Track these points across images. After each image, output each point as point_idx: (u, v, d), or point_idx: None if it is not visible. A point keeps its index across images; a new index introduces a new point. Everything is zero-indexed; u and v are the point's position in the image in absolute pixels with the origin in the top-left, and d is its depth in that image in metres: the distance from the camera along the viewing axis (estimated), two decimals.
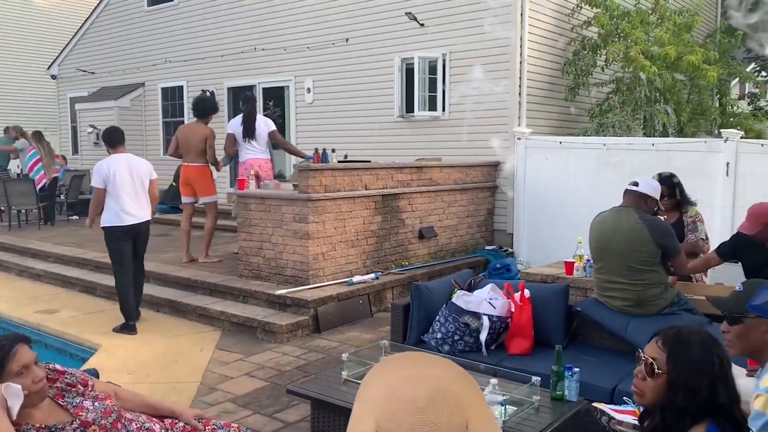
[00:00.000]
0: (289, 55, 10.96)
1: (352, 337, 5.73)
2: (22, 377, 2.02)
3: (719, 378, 1.76)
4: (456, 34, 8.96)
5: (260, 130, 7.50)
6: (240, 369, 4.94)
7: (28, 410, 2.04)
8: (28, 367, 2.05)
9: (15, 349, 2.05)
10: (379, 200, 7.02)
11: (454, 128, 9.13)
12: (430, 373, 1.22)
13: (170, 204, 12.30)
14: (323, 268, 6.42)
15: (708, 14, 13.72)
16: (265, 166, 7.53)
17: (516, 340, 3.97)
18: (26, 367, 2.04)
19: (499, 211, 8.82)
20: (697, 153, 7.11)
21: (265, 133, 7.53)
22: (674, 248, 3.76)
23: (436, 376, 1.21)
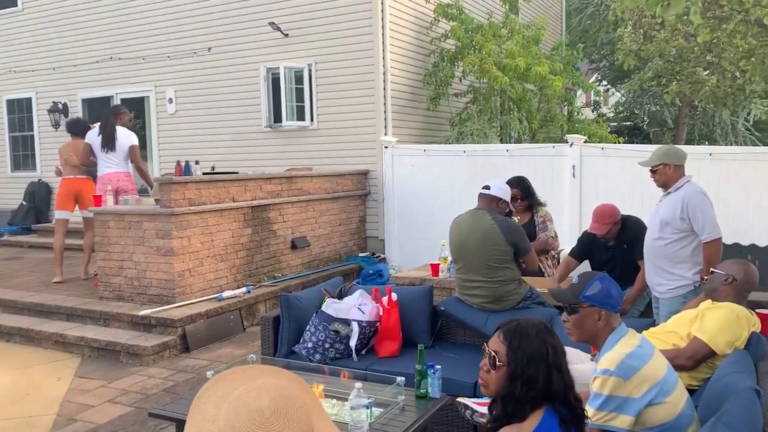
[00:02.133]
0: (149, 64, 10.52)
1: (224, 354, 5.60)
2: None
3: (553, 366, 1.90)
4: (321, 44, 9.04)
5: (121, 142, 7.13)
6: (102, 396, 4.66)
7: None
8: None
9: None
10: (249, 212, 6.92)
11: (323, 138, 9.20)
12: (268, 383, 1.23)
13: (21, 225, 11.37)
14: (190, 285, 6.22)
15: (554, 28, 14.85)
16: (125, 180, 7.15)
17: (385, 343, 4.07)
18: None
19: (370, 218, 8.99)
20: (546, 157, 7.67)
21: (126, 146, 7.16)
22: (524, 246, 4.03)
23: (276, 385, 1.22)
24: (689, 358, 2.92)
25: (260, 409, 1.14)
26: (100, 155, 7.10)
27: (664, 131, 16.16)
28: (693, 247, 3.89)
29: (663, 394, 2.29)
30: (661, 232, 3.98)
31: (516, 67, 8.91)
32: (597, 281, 2.43)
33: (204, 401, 1.32)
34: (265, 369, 1.40)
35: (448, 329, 4.35)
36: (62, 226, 7.35)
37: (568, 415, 1.88)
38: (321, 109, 9.19)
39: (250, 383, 1.27)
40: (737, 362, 2.69)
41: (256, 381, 1.30)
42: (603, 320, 2.39)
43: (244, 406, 1.16)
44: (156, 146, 10.70)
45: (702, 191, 3.91)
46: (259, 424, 1.13)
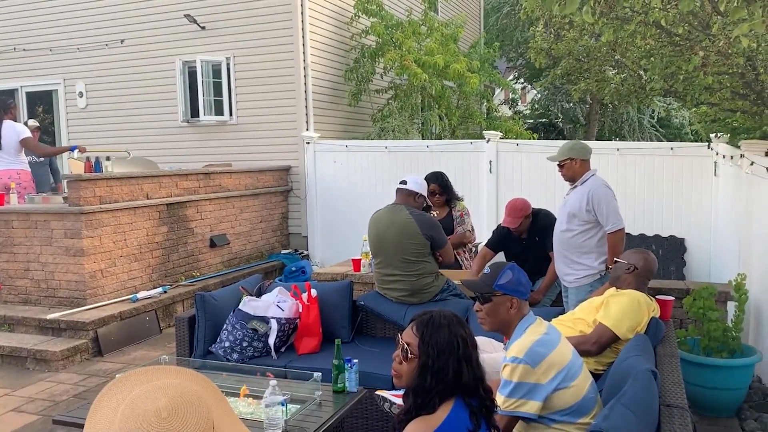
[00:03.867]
0: (57, 56, 10.00)
1: (139, 356, 5.42)
2: None
3: (464, 358, 1.93)
4: (240, 38, 8.87)
5: (8, 138, 6.66)
6: (6, 405, 4.41)
7: None
8: None
9: None
10: (164, 209, 6.71)
11: (243, 133, 9.03)
12: (167, 383, 1.20)
13: None
14: (102, 287, 5.97)
15: (472, 26, 15.17)
16: (20, 177, 6.73)
17: (305, 340, 4.05)
18: None
19: (293, 214, 8.91)
20: (465, 153, 7.83)
21: (14, 140, 6.70)
22: (440, 239, 4.10)
23: (174, 385, 1.20)
24: (594, 343, 3.05)
25: (156, 410, 1.11)
26: None
27: (577, 128, 16.84)
28: (598, 238, 4.06)
29: (569, 378, 2.38)
30: (569, 223, 4.14)
31: (435, 64, 9.04)
32: (508, 270, 2.50)
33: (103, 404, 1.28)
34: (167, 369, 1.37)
35: (368, 324, 4.38)
36: None
37: (478, 407, 1.91)
38: (240, 103, 9.02)
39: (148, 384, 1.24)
40: (637, 346, 2.83)
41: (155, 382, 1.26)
42: (515, 308, 2.46)
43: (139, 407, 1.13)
44: (66, 142, 10.18)
45: (606, 184, 4.10)
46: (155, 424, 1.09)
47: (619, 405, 2.18)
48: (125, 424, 1.10)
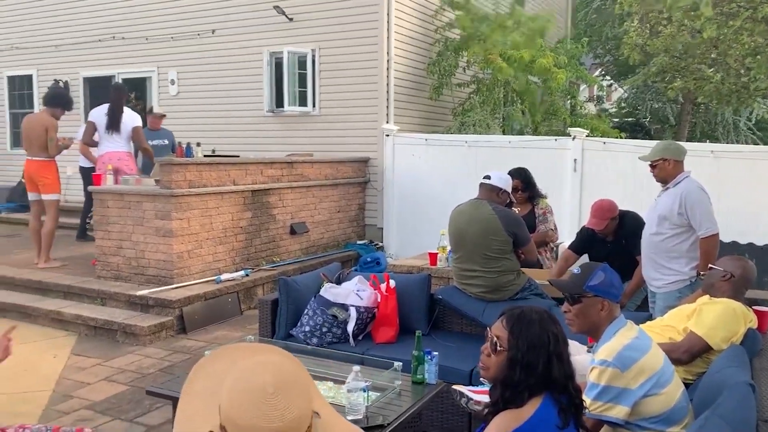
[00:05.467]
0: (152, 45, 10.47)
1: (220, 336, 5.62)
2: None
3: (554, 354, 1.92)
4: (325, 30, 9.00)
5: (125, 123, 7.14)
6: (98, 374, 4.68)
7: None
8: None
9: None
10: (249, 196, 6.92)
11: (324, 124, 9.18)
12: (269, 359, 1.24)
13: (18, 202, 11.35)
14: (189, 267, 6.22)
15: (559, 21, 14.78)
16: (126, 160, 7.15)
17: (382, 329, 4.09)
18: None
19: (369, 206, 8.99)
20: (548, 150, 7.66)
21: (129, 127, 7.17)
22: (524, 237, 4.04)
23: (275, 361, 1.23)
24: (685, 351, 2.93)
25: (263, 385, 1.15)
26: (104, 135, 7.07)
27: (666, 128, 16.14)
28: (690, 243, 3.90)
29: (660, 385, 2.31)
30: (659, 227, 3.99)
31: (520, 58, 8.88)
32: (600, 271, 2.45)
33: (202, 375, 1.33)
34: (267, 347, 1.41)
35: (444, 318, 4.37)
36: (34, 208, 7.00)
37: (567, 404, 1.89)
38: (323, 95, 9.16)
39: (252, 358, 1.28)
40: (733, 357, 2.70)
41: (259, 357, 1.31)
42: (606, 310, 2.40)
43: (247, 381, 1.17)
44: None
45: (701, 187, 3.92)
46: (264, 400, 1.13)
47: (715, 416, 2.09)
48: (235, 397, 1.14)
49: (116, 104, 7.12)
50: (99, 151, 7.10)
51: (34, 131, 6.75)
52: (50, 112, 6.83)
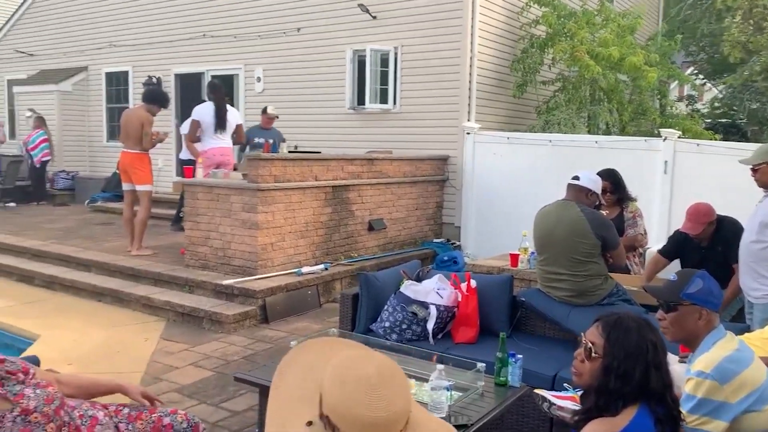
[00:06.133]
0: (240, 43, 10.80)
1: (301, 327, 5.74)
2: None
3: (652, 364, 1.84)
4: (408, 27, 9.02)
5: (230, 121, 7.50)
6: (186, 359, 4.88)
7: None
8: None
9: None
10: (330, 191, 7.03)
11: (405, 121, 9.20)
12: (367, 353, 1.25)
13: (113, 192, 11.99)
14: (272, 259, 6.39)
15: (650, 17, 14.21)
16: (229, 156, 7.52)
17: (462, 329, 4.06)
18: None
19: (447, 204, 8.95)
20: (637, 151, 7.38)
21: (233, 125, 7.54)
22: (613, 240, 3.91)
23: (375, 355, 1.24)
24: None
25: (368, 376, 1.16)
26: (209, 132, 7.37)
27: (765, 130, 15.20)
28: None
29: (761, 401, 2.18)
30: (760, 234, 3.77)
31: (609, 56, 8.59)
32: (698, 279, 2.33)
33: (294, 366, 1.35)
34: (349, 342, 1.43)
35: (526, 320, 4.29)
36: (128, 198, 7.37)
37: (665, 416, 1.82)
38: (404, 92, 9.19)
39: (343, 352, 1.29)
40: None
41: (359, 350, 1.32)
42: (704, 320, 2.29)
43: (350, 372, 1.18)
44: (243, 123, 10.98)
45: None
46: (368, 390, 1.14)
47: None
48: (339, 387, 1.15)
49: (221, 103, 7.45)
50: (203, 147, 7.40)
51: (132, 125, 7.11)
52: (147, 108, 7.19)
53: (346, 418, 1.12)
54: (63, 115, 13.25)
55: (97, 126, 13.36)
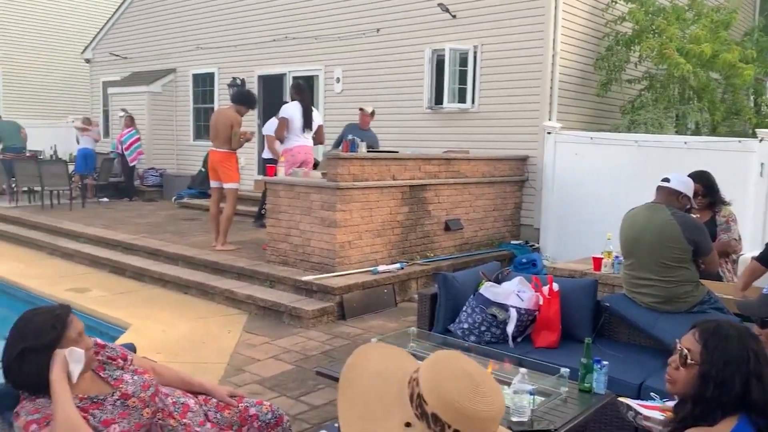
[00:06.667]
0: (320, 44, 11.00)
1: (377, 325, 5.78)
2: (78, 345, 2.10)
3: (754, 374, 1.75)
4: (488, 26, 8.92)
5: (316, 121, 7.77)
6: (267, 352, 5.01)
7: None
8: (81, 335, 2.13)
9: (71, 317, 2.13)
10: (407, 191, 7.05)
11: (483, 121, 9.11)
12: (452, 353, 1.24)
13: (198, 189, 12.47)
14: (349, 257, 6.47)
15: (746, 11, 13.46)
16: (311, 155, 7.75)
17: (543, 333, 3.98)
18: (80, 334, 2.12)
19: (526, 205, 8.80)
20: (730, 152, 7.01)
21: (317, 125, 7.79)
22: (706, 245, 3.73)
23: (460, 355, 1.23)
24: None
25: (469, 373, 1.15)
26: (295, 131, 7.58)
27: None
28: None
29: None
30: None
31: (701, 53, 8.20)
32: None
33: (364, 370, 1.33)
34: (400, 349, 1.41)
35: (610, 326, 4.15)
36: (215, 195, 7.62)
37: (767, 428, 1.72)
38: (483, 91, 9.09)
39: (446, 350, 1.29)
40: None
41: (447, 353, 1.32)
42: None
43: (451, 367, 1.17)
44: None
45: None
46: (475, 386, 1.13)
47: None
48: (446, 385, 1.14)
49: (308, 103, 7.68)
50: (289, 145, 7.61)
51: (221, 125, 7.35)
52: (236, 109, 7.45)
53: (462, 414, 1.11)
54: (152, 115, 13.90)
55: (184, 125, 13.94)
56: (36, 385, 2.06)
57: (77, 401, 2.10)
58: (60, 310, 2.15)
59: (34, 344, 2.06)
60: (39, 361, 2.05)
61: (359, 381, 1.29)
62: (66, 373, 2.04)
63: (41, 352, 2.05)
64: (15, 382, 2.12)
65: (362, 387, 1.28)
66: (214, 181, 7.58)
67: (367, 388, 1.27)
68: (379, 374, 1.29)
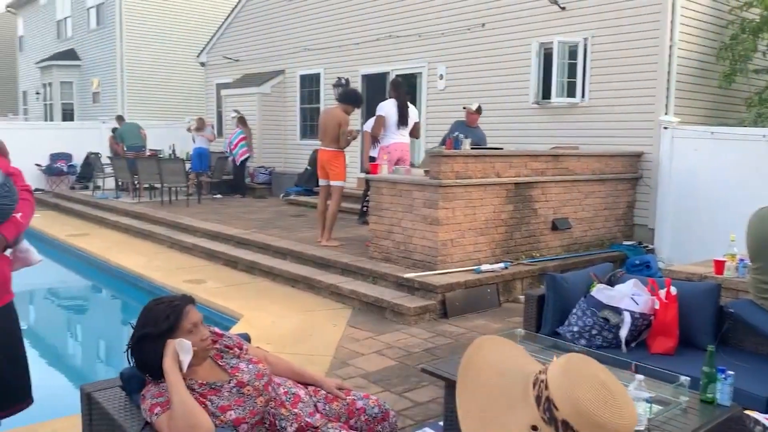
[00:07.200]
0: (424, 41, 11.00)
1: (480, 325, 5.70)
2: (192, 335, 2.21)
3: None
4: (599, 17, 8.57)
5: (411, 118, 7.79)
6: (370, 347, 5.07)
7: (194, 367, 2.23)
8: (197, 325, 2.24)
9: (187, 309, 2.24)
10: (512, 189, 6.90)
11: (593, 116, 8.77)
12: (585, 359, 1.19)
13: (305, 186, 12.86)
14: (451, 255, 6.42)
15: None
16: (407, 152, 7.76)
17: (659, 339, 3.76)
18: (195, 325, 2.23)
19: (640, 204, 8.37)
20: None
21: (413, 121, 7.80)
22: None
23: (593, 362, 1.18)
24: None
25: (605, 383, 1.11)
26: (391, 128, 7.65)
27: None
28: None
29: None
30: None
31: None
32: None
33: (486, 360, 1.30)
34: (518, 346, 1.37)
35: (734, 334, 3.86)
36: (323, 192, 7.78)
37: None
38: (593, 85, 8.75)
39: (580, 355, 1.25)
40: None
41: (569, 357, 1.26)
42: None
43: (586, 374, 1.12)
44: (424, 121, 11.18)
45: None
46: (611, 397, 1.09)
47: None
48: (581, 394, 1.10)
49: (403, 100, 7.71)
50: (385, 142, 7.69)
51: (330, 124, 7.49)
52: (343, 108, 7.57)
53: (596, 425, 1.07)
54: (262, 115, 14.47)
55: (291, 125, 14.41)
56: (154, 370, 2.19)
57: (197, 387, 2.21)
58: (179, 301, 2.27)
59: (151, 332, 2.20)
60: (154, 348, 2.18)
61: (480, 374, 1.27)
62: (177, 361, 2.15)
63: (156, 339, 2.18)
64: (137, 366, 2.27)
65: (483, 380, 1.26)
66: (323, 180, 7.74)
67: (488, 381, 1.26)
68: (501, 369, 1.27)
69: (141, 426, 2.20)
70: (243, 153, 13.63)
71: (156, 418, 2.12)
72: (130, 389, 2.39)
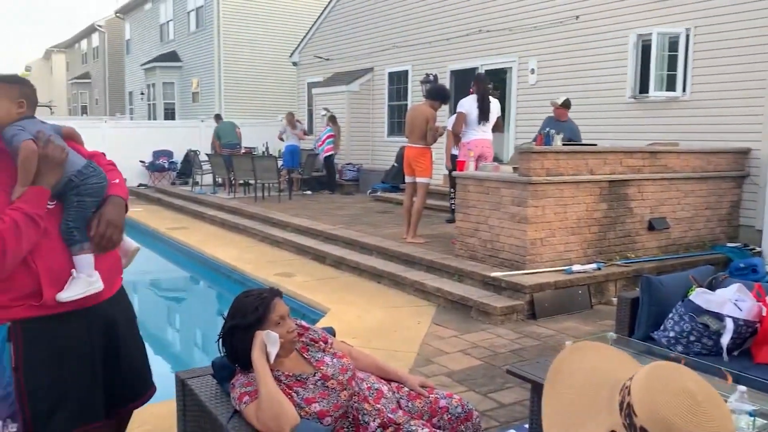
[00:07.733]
0: (514, 35, 10.79)
1: (570, 327, 5.53)
2: (279, 327, 2.27)
3: None
4: (703, 6, 8.09)
5: (492, 113, 7.58)
6: (455, 345, 5.03)
7: (281, 359, 2.28)
8: (284, 318, 2.29)
9: (275, 301, 2.30)
10: (605, 187, 6.64)
11: (694, 110, 8.30)
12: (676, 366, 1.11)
13: (391, 183, 12.94)
14: (540, 254, 6.26)
15: None
16: (490, 148, 7.59)
17: (766, 349, 3.51)
18: (282, 318, 2.29)
19: (746, 204, 7.84)
20: None
21: (495, 116, 7.60)
22: None
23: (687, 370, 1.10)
24: None
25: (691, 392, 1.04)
26: (473, 124, 7.54)
27: None
28: None
29: None
30: None
31: None
32: None
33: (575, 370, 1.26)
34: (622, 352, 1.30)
35: None
36: (409, 189, 7.76)
37: None
38: (696, 78, 8.27)
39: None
40: None
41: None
42: None
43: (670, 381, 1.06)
44: (514, 116, 10.98)
45: None
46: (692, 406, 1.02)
47: None
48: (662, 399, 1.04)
49: (485, 95, 7.54)
50: (466, 138, 7.60)
51: (417, 121, 7.49)
52: (430, 104, 7.54)
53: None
54: (351, 112, 14.68)
55: (379, 122, 14.53)
56: (243, 360, 2.26)
57: (283, 378, 2.26)
58: (267, 294, 2.33)
59: (240, 323, 2.27)
60: (243, 339, 2.24)
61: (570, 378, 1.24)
62: (264, 352, 2.21)
63: (244, 330, 2.25)
64: (227, 356, 2.35)
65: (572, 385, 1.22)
66: (409, 176, 7.74)
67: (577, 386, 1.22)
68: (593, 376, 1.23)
69: (230, 414, 2.28)
70: (328, 150, 13.91)
71: (244, 407, 2.19)
72: (221, 378, 2.49)
